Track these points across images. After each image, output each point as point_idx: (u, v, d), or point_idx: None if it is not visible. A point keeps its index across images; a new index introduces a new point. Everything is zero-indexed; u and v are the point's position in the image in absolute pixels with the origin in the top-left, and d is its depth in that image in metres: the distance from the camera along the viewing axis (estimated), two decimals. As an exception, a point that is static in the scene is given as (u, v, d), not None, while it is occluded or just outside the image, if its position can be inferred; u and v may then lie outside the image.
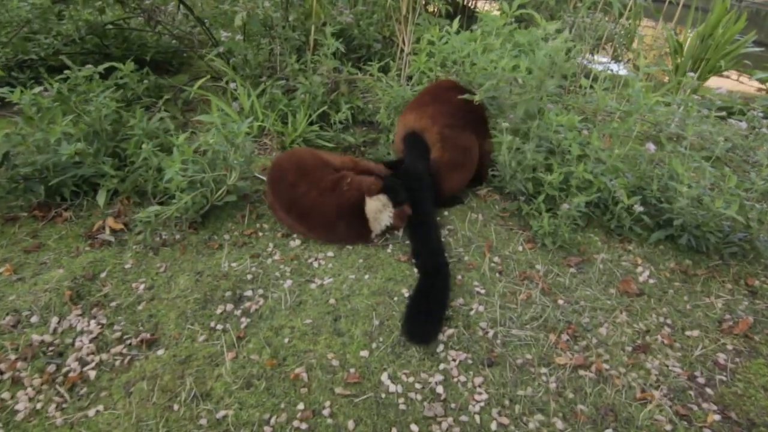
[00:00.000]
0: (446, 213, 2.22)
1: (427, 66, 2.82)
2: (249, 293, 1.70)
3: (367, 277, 1.79)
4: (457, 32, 2.76)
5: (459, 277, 1.81)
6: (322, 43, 2.99)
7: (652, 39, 5.60)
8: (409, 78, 3.06)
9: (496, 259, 1.91)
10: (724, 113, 4.29)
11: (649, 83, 2.68)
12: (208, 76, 3.02)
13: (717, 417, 1.34)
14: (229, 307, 1.63)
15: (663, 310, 1.71)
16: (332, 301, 1.67)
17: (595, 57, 4.73)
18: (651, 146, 2.18)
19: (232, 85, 2.79)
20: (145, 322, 1.56)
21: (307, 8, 3.18)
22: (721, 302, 1.77)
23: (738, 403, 1.39)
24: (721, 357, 1.53)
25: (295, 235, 2.01)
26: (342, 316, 1.61)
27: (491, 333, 1.57)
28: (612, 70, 4.38)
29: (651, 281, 1.86)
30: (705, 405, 1.38)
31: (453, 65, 2.80)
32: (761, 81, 4.51)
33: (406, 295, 1.71)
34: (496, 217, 2.16)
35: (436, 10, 4.23)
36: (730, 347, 1.58)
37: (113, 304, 1.62)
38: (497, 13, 3.18)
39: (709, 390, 1.43)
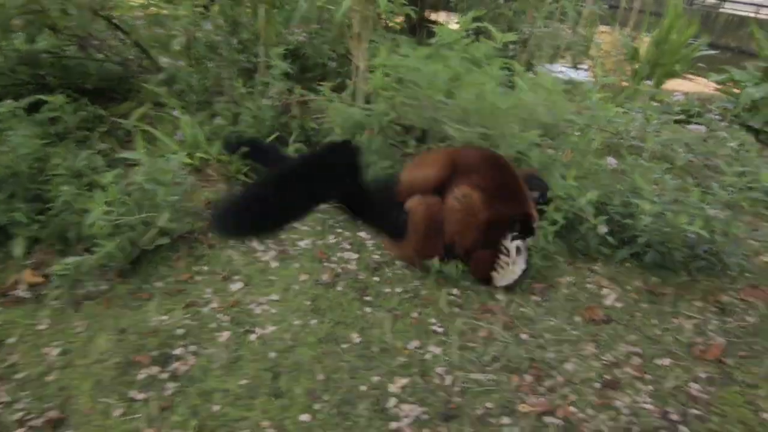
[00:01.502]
0: (402, 241, 2.08)
1: (385, 85, 2.69)
2: (179, 351, 1.51)
3: (314, 322, 1.64)
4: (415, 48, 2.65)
5: (415, 314, 1.67)
6: (271, 65, 2.85)
7: (609, 45, 5.65)
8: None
9: (454, 291, 1.78)
10: (682, 116, 4.32)
11: (608, 93, 2.62)
12: (150, 105, 2.84)
13: (694, 462, 1.22)
14: (155, 369, 1.44)
15: (631, 337, 1.60)
16: (273, 354, 1.50)
17: (556, 65, 4.72)
18: (612, 160, 2.10)
19: (175, 113, 2.62)
20: (53, 396, 1.36)
21: (257, 28, 3.04)
22: (691, 324, 1.67)
23: (715, 443, 1.28)
24: (694, 388, 1.42)
25: (236, 278, 1.84)
26: (283, 372, 1.44)
27: (449, 379, 1.43)
28: (570, 77, 4.37)
29: (618, 305, 1.75)
30: (681, 448, 1.26)
31: (412, 85, 2.68)
32: (718, 82, 4.56)
33: (358, 341, 1.56)
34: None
35: (390, 25, 4.14)
36: (702, 375, 1.47)
37: (19, 376, 1.42)
38: (456, 26, 3.09)
39: (683, 428, 1.31)
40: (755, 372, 1.47)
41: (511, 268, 1.70)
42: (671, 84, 4.85)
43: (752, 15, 8.24)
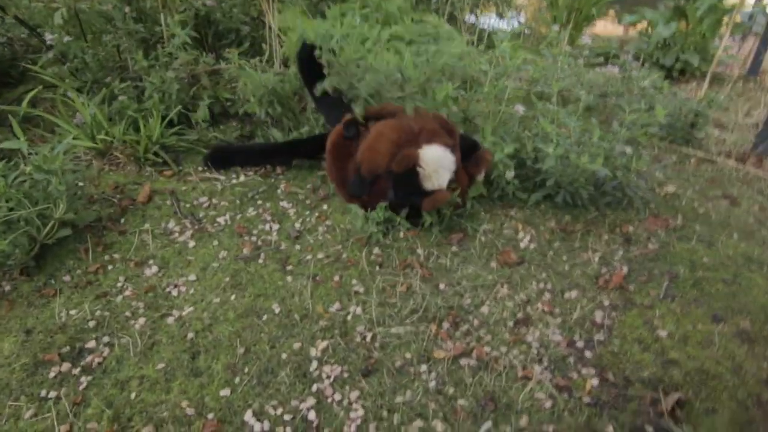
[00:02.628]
0: (324, 207, 2.06)
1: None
2: (92, 344, 1.45)
3: (233, 298, 1.61)
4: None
5: (336, 278, 1.67)
6: (173, 32, 2.66)
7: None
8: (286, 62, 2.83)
9: (376, 250, 1.79)
10: (600, 59, 4.45)
11: (517, 41, 2.64)
12: (40, 87, 2.61)
13: (595, 382, 1.31)
14: (66, 366, 1.38)
15: (542, 275, 1.68)
16: (191, 335, 1.47)
17: (478, 16, 4.70)
18: (519, 108, 2.13)
19: (69, 94, 2.42)
20: (-47, 408, 1.28)
21: (157, -6, 2.82)
22: (597, 256, 1.77)
23: (614, 362, 1.37)
24: (598, 315, 1.52)
25: (152, 262, 1.77)
26: (201, 351, 1.42)
27: (369, 336, 1.45)
28: (494, 27, 4.38)
29: (532, 246, 1.82)
30: (584, 370, 1.35)
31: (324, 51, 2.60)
32: (630, 23, 4.71)
33: (277, 311, 1.55)
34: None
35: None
36: (606, 303, 1.57)
37: None
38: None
39: (588, 353, 1.41)
40: (653, 294, 1.59)
41: (435, 175, 1.72)
42: (597, 28, 4.98)
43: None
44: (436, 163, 1.69)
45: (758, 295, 1.57)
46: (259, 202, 2.11)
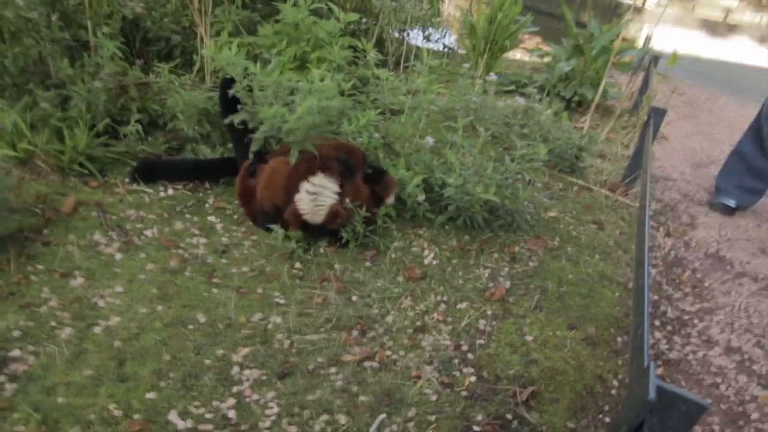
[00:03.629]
0: (250, 223, 2.22)
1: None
2: (16, 353, 1.52)
3: (160, 308, 1.74)
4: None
5: (259, 290, 1.85)
6: (101, 44, 2.69)
7: (453, 10, 6.13)
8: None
9: (297, 265, 1.99)
10: (513, 87, 4.94)
11: (433, 76, 2.94)
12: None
13: (473, 378, 1.61)
14: (-11, 375, 1.45)
15: (440, 288, 1.97)
16: (118, 343, 1.59)
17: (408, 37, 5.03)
18: (429, 140, 2.43)
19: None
20: None
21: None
22: (487, 272, 2.10)
23: (489, 363, 1.68)
24: (482, 323, 1.83)
25: (77, 273, 1.84)
26: (129, 358, 1.54)
27: (287, 343, 1.65)
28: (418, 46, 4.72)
29: (434, 262, 2.11)
30: (465, 369, 1.64)
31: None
32: (539, 56, 5.26)
33: (203, 320, 1.70)
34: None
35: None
36: (489, 312, 1.89)
37: None
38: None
39: (470, 355, 1.70)
40: (526, 306, 1.93)
41: (310, 205, 1.99)
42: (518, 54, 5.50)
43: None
44: (313, 198, 1.99)
45: (605, 306, 1.97)
46: (187, 216, 2.23)
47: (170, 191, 2.37)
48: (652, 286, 2.24)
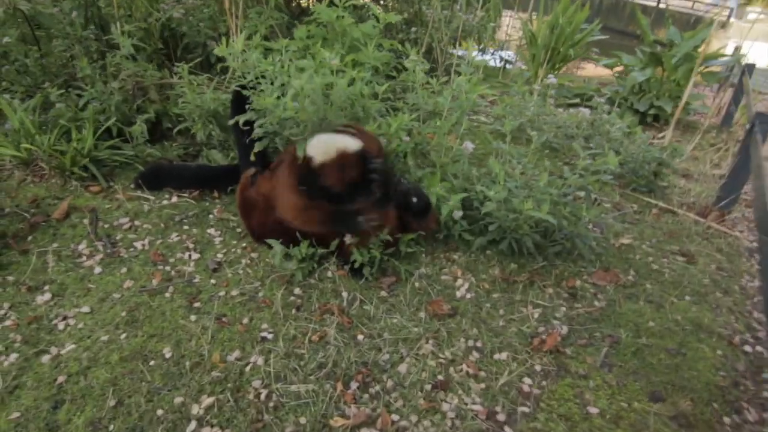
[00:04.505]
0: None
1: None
2: (-58, 383, 1.26)
3: (123, 336, 1.43)
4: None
5: (245, 320, 1.50)
6: (123, 44, 2.53)
7: (512, 29, 5.70)
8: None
9: (297, 290, 1.63)
10: (577, 100, 4.41)
11: (479, 75, 2.55)
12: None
13: (510, 465, 1.15)
14: None
15: (474, 331, 1.53)
16: (61, 378, 1.28)
17: (456, 50, 4.66)
18: (468, 145, 2.02)
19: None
20: None
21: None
22: (537, 312, 1.63)
23: (535, 442, 1.21)
24: (527, 383, 1.36)
25: (46, 288, 1.58)
26: (67, 400, 1.23)
27: (264, 394, 1.28)
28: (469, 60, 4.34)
29: (468, 296, 1.67)
30: (501, 450, 1.19)
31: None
32: (608, 66, 4.71)
33: (168, 355, 1.37)
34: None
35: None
36: (538, 368, 1.42)
37: None
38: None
39: (508, 429, 1.24)
40: (589, 362, 1.44)
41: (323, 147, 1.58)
42: (591, 70, 4.97)
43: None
44: (322, 144, 1.58)
45: (704, 370, 1.43)
46: (186, 227, 1.95)
47: (174, 199, 2.12)
48: (763, 340, 1.66)
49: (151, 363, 1.35)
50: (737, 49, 5.01)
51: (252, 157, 1.83)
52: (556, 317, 1.61)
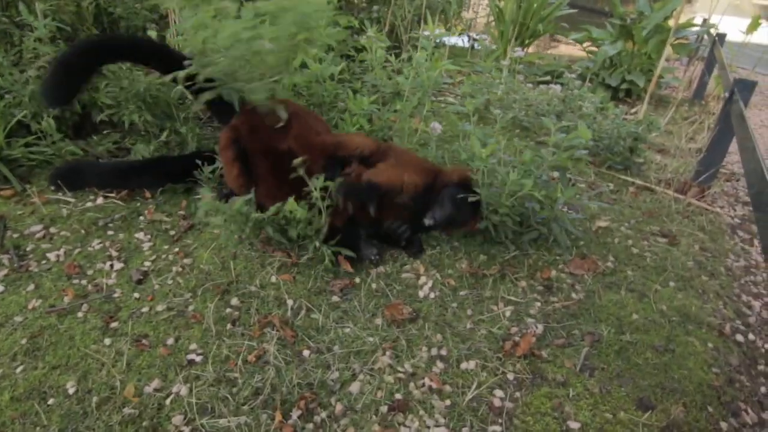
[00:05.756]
0: (189, 240, 1.67)
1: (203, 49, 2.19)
2: None
3: (20, 369, 1.19)
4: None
5: (170, 341, 1.28)
6: (34, 26, 2.22)
7: (479, 7, 5.49)
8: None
9: (234, 300, 1.41)
10: (548, 77, 4.24)
11: (441, 51, 2.34)
12: None
13: (480, 501, 0.97)
14: None
15: (438, 337, 1.33)
16: (-68, 429, 1.04)
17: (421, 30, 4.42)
18: (436, 126, 1.82)
19: None
20: None
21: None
22: (509, 310, 1.45)
23: (509, 470, 1.03)
24: (498, 396, 1.18)
25: (-68, 314, 1.33)
26: (-66, 458, 0.99)
27: (187, 431, 1.06)
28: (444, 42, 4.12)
29: (432, 295, 1.48)
30: (468, 482, 1.00)
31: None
32: (577, 41, 4.55)
33: (72, 391, 1.14)
34: (251, 240, 1.65)
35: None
36: (511, 376, 1.24)
37: None
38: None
39: (477, 454, 1.06)
40: (568, 366, 1.27)
41: None
42: (565, 48, 4.78)
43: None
44: None
45: (695, 368, 1.27)
46: (111, 232, 1.70)
47: (99, 200, 1.86)
48: (755, 326, 1.52)
49: (50, 402, 1.11)
50: (705, 20, 4.91)
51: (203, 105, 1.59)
52: (530, 314, 1.44)
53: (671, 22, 4.11)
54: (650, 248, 1.80)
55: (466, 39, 5.21)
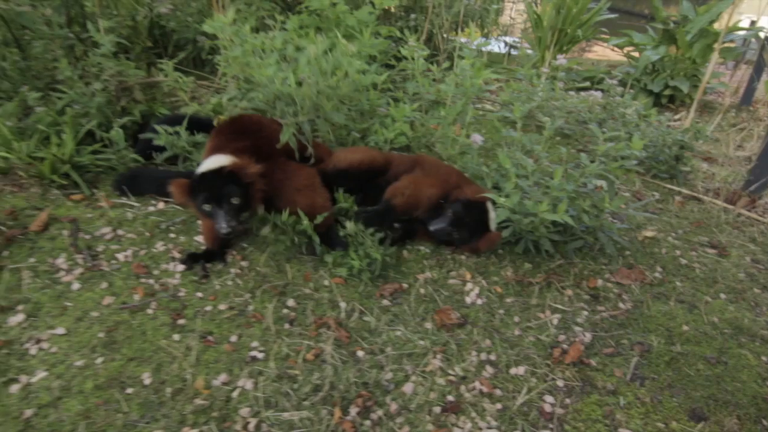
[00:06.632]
0: (244, 243, 1.76)
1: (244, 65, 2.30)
2: None
3: (100, 360, 1.29)
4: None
5: (233, 338, 1.36)
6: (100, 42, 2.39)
7: (515, 13, 5.48)
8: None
9: (290, 302, 1.49)
10: (587, 83, 4.20)
11: (482, 59, 2.38)
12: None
13: (533, 502, 1.00)
14: None
15: (486, 342, 1.37)
16: (29, 412, 1.15)
17: (458, 36, 4.46)
18: (477, 137, 1.85)
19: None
20: None
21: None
22: (557, 318, 1.47)
23: (561, 473, 1.06)
24: (548, 401, 1.21)
25: (20, 308, 1.46)
26: (32, 438, 1.10)
27: (253, 424, 1.14)
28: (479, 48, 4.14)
29: (479, 301, 1.52)
30: (522, 483, 1.04)
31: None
32: (618, 46, 4.49)
33: (148, 381, 1.23)
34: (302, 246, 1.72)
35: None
36: (560, 383, 1.26)
37: None
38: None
39: (529, 457, 1.09)
40: (617, 375, 1.28)
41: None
42: (602, 52, 4.74)
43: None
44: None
45: (748, 380, 1.27)
46: (173, 235, 1.81)
47: (161, 205, 1.98)
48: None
49: (129, 391, 1.21)
50: (753, 22, 4.76)
51: None
52: (577, 323, 1.46)
53: (717, 26, 4.02)
54: (699, 259, 1.78)
55: (502, 45, 5.22)
